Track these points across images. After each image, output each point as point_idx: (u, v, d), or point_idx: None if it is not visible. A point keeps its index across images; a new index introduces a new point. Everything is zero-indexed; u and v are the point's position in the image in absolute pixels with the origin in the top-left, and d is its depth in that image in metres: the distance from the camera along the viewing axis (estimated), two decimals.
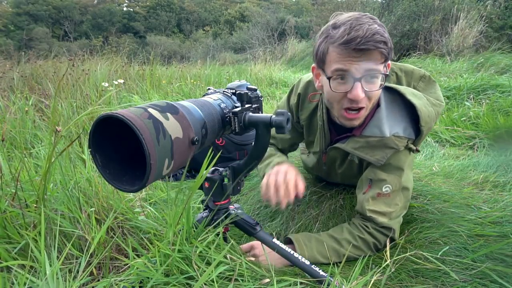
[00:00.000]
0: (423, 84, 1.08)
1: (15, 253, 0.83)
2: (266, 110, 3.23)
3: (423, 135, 0.95)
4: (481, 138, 2.10)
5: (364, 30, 0.79)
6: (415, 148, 0.98)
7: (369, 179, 1.00)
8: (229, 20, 27.81)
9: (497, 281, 0.81)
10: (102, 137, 0.55)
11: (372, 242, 0.98)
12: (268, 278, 0.78)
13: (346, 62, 0.83)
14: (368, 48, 0.80)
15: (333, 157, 1.12)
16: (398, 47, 6.52)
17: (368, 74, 0.83)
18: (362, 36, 0.79)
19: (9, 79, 3.26)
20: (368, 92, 0.86)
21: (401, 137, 0.94)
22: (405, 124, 0.95)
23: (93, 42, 21.88)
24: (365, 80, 0.84)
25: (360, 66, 0.83)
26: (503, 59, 4.14)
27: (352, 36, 0.80)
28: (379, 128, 0.94)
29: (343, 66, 0.84)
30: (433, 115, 0.96)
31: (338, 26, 0.84)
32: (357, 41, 0.79)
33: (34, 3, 33.07)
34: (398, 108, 0.96)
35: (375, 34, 0.80)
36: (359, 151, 0.97)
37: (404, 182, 0.98)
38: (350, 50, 0.81)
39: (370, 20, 0.83)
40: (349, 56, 0.83)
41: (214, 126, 0.71)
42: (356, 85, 0.84)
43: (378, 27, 0.82)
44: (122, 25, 36.59)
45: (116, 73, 3.71)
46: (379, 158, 0.95)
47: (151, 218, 1.02)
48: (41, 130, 1.93)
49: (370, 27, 0.80)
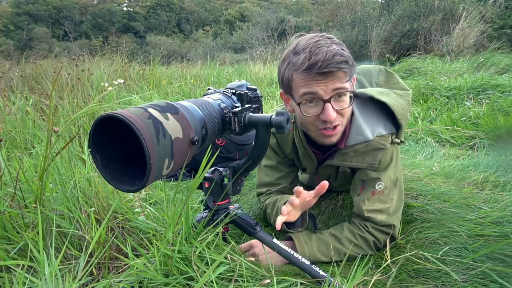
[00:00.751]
0: (383, 78, 1.11)
1: (14, 253, 0.83)
2: (266, 110, 3.23)
3: (403, 127, 0.97)
4: (481, 138, 2.10)
5: (323, 53, 0.80)
6: (399, 140, 1.00)
7: (361, 180, 1.01)
8: (229, 20, 27.82)
9: (497, 281, 0.81)
10: (102, 137, 0.55)
11: (372, 241, 0.98)
12: (269, 278, 0.78)
13: (312, 85, 0.84)
14: (331, 71, 0.81)
15: (325, 174, 1.14)
16: (398, 47, 6.53)
17: (336, 93, 0.84)
18: (323, 60, 0.80)
19: (9, 79, 3.26)
20: (340, 110, 0.87)
21: (384, 135, 0.95)
22: (383, 121, 0.97)
23: (93, 42, 21.89)
24: (334, 100, 0.85)
25: (327, 87, 0.83)
26: (503, 59, 4.15)
27: (313, 61, 0.81)
28: (361, 134, 0.95)
29: (310, 89, 0.84)
30: (405, 106, 0.98)
31: (298, 53, 0.85)
32: (319, 65, 0.80)
33: (34, 3, 33.08)
34: (371, 110, 0.98)
35: (335, 56, 0.80)
36: (349, 161, 0.99)
37: (394, 175, 1.00)
38: (314, 74, 0.82)
39: (328, 41, 0.84)
40: (314, 80, 0.83)
41: (214, 126, 0.71)
42: (327, 106, 0.85)
43: (336, 47, 0.83)
44: (122, 25, 36.58)
45: (116, 73, 3.71)
46: (371, 163, 0.97)
47: (150, 218, 1.02)
48: (41, 130, 1.93)
49: (329, 49, 0.81)
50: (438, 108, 2.79)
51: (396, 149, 1.02)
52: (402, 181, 1.04)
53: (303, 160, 1.10)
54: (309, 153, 1.06)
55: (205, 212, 0.88)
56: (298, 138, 1.05)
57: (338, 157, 1.00)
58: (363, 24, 8.24)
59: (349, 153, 0.98)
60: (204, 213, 0.88)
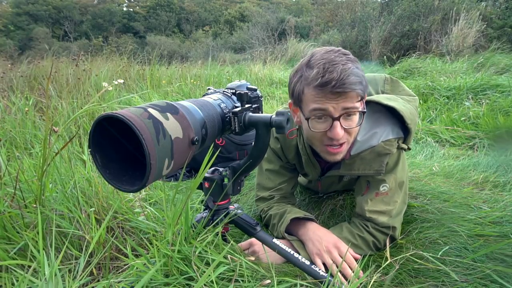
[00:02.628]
0: (389, 86, 1.09)
1: (14, 253, 0.83)
2: (266, 110, 3.23)
3: (412, 133, 0.95)
4: (481, 138, 2.10)
5: (338, 72, 0.78)
6: (406, 146, 0.98)
7: (367, 181, 1.01)
8: (229, 20, 27.82)
9: (497, 281, 0.81)
10: (102, 137, 0.55)
11: (372, 241, 0.98)
12: (269, 278, 0.78)
13: (323, 102, 0.82)
14: (344, 91, 0.80)
15: (328, 182, 1.13)
16: (398, 47, 6.53)
17: (345, 112, 0.83)
18: (337, 79, 0.78)
19: (9, 79, 3.26)
20: (348, 129, 0.86)
21: (390, 140, 0.94)
22: (391, 126, 0.95)
23: (93, 42, 21.87)
24: (343, 118, 0.84)
25: (338, 105, 0.82)
26: (503, 59, 4.15)
27: (327, 79, 0.79)
28: (366, 142, 0.94)
29: (320, 105, 0.83)
30: (414, 111, 0.98)
31: (312, 67, 0.83)
32: (332, 84, 0.79)
33: (34, 3, 33.06)
34: (378, 115, 0.96)
35: (350, 76, 0.79)
36: (357, 170, 0.98)
37: (400, 178, 0.99)
38: (326, 92, 0.81)
39: (344, 58, 0.82)
40: (325, 97, 0.82)
41: (214, 126, 0.71)
42: (335, 124, 0.84)
43: (351, 65, 0.81)
44: (122, 25, 36.56)
45: (117, 73, 3.71)
46: (377, 169, 0.95)
47: (150, 218, 1.02)
48: (41, 130, 1.93)
49: (344, 67, 0.79)
50: (438, 108, 2.79)
51: (401, 154, 1.00)
52: (407, 184, 1.04)
53: (306, 167, 1.09)
54: (312, 161, 1.05)
55: (205, 212, 0.88)
56: (302, 145, 1.04)
57: (345, 167, 0.99)
58: (362, 24, 8.24)
59: (356, 161, 0.97)
60: (204, 213, 0.88)
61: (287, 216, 1.02)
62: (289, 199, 1.18)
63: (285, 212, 1.05)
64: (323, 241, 0.93)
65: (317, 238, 0.94)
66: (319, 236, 0.95)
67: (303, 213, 1.04)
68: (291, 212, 1.04)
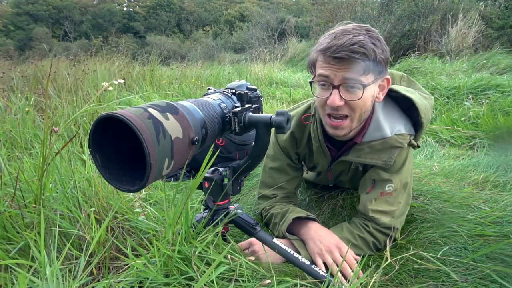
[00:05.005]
0: (405, 83, 1.10)
1: (14, 253, 0.83)
2: (266, 110, 3.23)
3: (423, 127, 0.95)
4: (481, 138, 2.10)
5: (344, 39, 0.79)
6: (416, 143, 0.98)
7: (372, 180, 1.00)
8: (229, 20, 27.80)
9: (497, 281, 0.81)
10: (102, 137, 0.55)
11: (372, 242, 0.98)
12: (269, 278, 0.78)
13: (327, 68, 0.84)
14: (342, 57, 0.80)
15: (338, 170, 1.13)
16: (398, 47, 6.52)
17: (346, 83, 0.83)
18: (339, 45, 0.79)
19: (9, 79, 3.26)
20: (349, 102, 0.86)
21: (403, 134, 0.94)
22: (404, 121, 0.96)
23: (93, 42, 21.86)
24: (344, 89, 0.84)
25: (338, 73, 0.83)
26: (503, 59, 4.14)
27: (331, 45, 0.81)
28: (379, 131, 0.94)
29: (323, 71, 0.85)
30: (429, 107, 0.98)
31: (327, 36, 0.85)
32: (333, 49, 0.80)
33: (34, 3, 33.06)
34: (393, 107, 0.97)
35: (354, 44, 0.79)
36: (364, 158, 0.97)
37: (405, 178, 0.99)
38: (328, 57, 0.83)
39: (362, 31, 0.82)
40: (329, 63, 0.84)
41: (214, 126, 0.71)
42: (334, 92, 0.85)
43: (364, 38, 0.80)
44: (122, 25, 36.55)
45: (117, 73, 3.71)
46: (386, 160, 0.95)
47: (150, 218, 1.02)
48: (41, 130, 1.93)
49: (354, 38, 0.80)
50: (438, 108, 2.79)
51: (410, 152, 1.01)
52: (411, 186, 1.04)
53: (316, 156, 1.09)
54: (323, 148, 1.05)
55: (205, 212, 0.88)
56: (315, 132, 1.04)
57: (353, 153, 0.99)
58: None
59: (364, 149, 0.96)
60: (204, 213, 0.88)
61: (289, 215, 1.02)
62: (291, 199, 1.17)
63: (287, 212, 1.05)
64: (325, 241, 0.93)
65: (319, 237, 0.94)
66: (321, 235, 0.95)
67: (305, 213, 1.04)
68: (293, 212, 1.04)
